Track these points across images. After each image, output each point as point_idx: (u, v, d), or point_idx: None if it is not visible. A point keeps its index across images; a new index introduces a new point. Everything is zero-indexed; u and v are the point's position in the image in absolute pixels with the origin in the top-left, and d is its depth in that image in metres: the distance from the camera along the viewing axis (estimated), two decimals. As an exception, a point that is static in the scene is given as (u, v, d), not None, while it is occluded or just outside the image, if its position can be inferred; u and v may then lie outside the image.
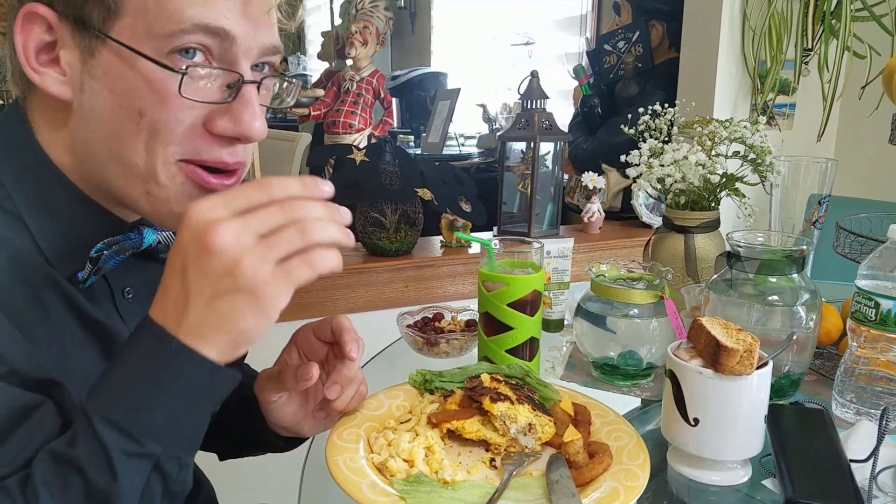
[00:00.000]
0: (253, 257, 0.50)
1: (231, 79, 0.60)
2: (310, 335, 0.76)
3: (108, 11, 0.57)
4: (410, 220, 1.75)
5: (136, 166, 0.60)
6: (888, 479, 0.72)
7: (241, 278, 0.50)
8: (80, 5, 0.57)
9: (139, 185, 0.61)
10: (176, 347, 0.52)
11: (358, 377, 0.76)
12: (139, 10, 0.56)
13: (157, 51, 0.57)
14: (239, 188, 0.53)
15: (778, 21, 1.88)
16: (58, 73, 0.60)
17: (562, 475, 0.70)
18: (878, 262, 0.85)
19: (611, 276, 0.99)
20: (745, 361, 0.68)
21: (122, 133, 0.59)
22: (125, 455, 0.51)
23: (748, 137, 1.10)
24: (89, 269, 0.63)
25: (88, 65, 0.59)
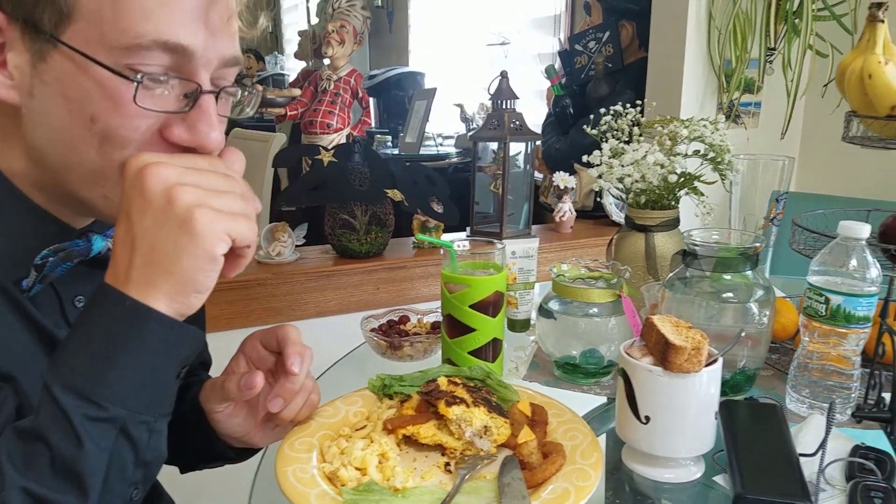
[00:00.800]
0: (190, 188, 0.53)
1: (189, 88, 0.59)
2: (257, 344, 0.75)
3: (61, 15, 0.55)
4: (381, 221, 1.75)
5: (91, 171, 0.60)
6: (836, 473, 0.73)
7: (178, 204, 0.52)
8: (30, 7, 0.55)
9: (96, 188, 0.61)
10: (130, 306, 0.53)
11: (306, 387, 0.74)
12: (94, 17, 0.55)
13: (111, 60, 0.55)
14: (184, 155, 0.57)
15: (742, 20, 1.90)
16: (5, 76, 0.58)
17: (513, 477, 0.71)
18: (829, 258, 0.86)
19: (571, 276, 1.00)
20: (694, 359, 0.69)
21: (74, 139, 0.58)
22: (88, 420, 0.51)
23: (707, 136, 1.11)
24: (34, 276, 0.62)
25: (39, 69, 0.57)
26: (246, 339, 0.76)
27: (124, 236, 0.54)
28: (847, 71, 1.00)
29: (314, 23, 4.91)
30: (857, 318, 0.84)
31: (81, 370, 0.52)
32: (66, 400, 0.51)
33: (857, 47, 1.00)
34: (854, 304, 0.83)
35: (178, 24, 0.56)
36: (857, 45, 1.00)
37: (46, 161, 0.61)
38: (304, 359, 0.71)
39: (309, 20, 5.67)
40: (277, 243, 1.74)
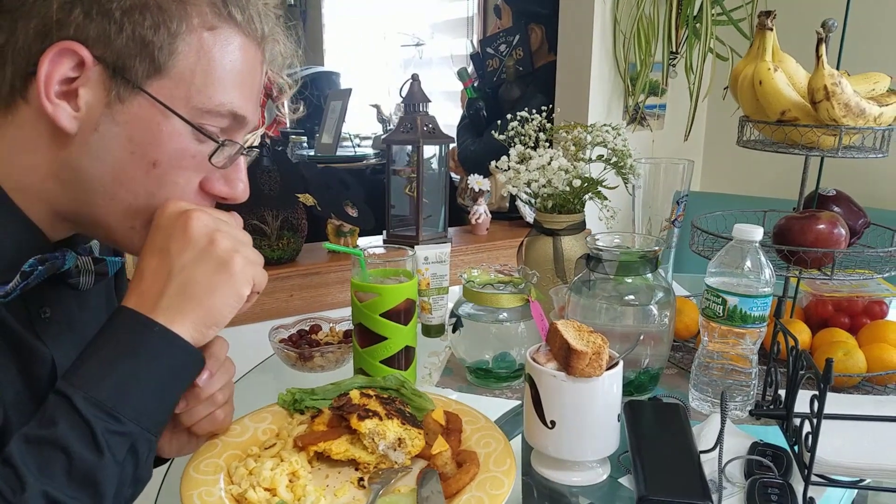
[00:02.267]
0: (228, 236, 0.63)
1: (234, 150, 0.67)
2: None
3: (154, 69, 0.60)
4: (293, 226, 1.72)
5: (131, 206, 0.64)
6: (736, 470, 0.76)
7: (219, 247, 0.61)
8: (125, 57, 0.60)
9: (125, 220, 0.66)
10: (158, 331, 0.59)
11: (213, 400, 0.72)
12: (183, 79, 0.61)
13: (189, 117, 0.62)
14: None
15: (646, 25, 1.96)
16: (72, 108, 0.60)
17: (432, 490, 0.70)
18: (725, 259, 0.89)
19: (481, 281, 1.00)
20: (595, 363, 0.70)
21: (128, 177, 0.63)
22: (108, 432, 0.55)
23: (610, 141, 1.14)
24: (18, 282, 0.62)
25: (114, 109, 0.61)
26: None
27: (157, 268, 0.61)
28: (739, 77, 1.04)
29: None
30: (753, 318, 0.87)
31: (105, 385, 0.57)
32: (89, 412, 0.55)
33: (748, 54, 1.04)
34: (749, 304, 0.87)
35: (247, 100, 0.66)
36: (748, 52, 1.04)
37: (84, 186, 0.64)
38: (216, 374, 0.70)
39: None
40: (184, 252, 1.68)
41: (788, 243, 0.97)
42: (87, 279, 0.71)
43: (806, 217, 0.98)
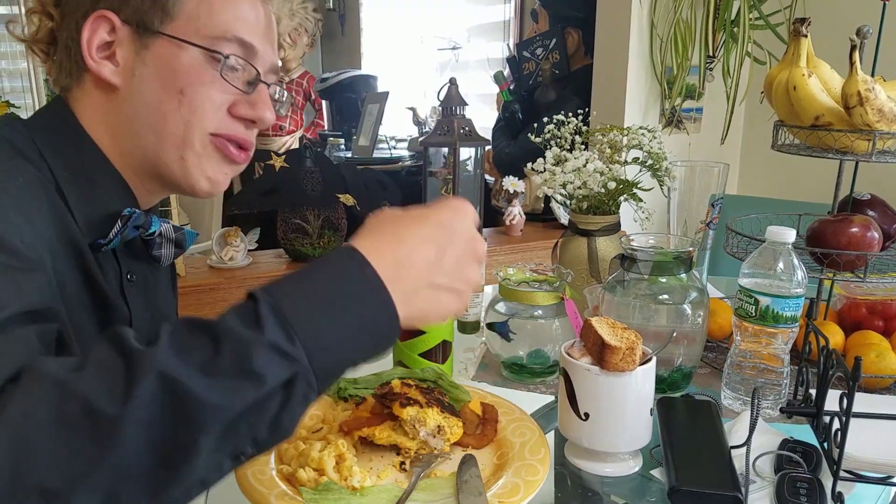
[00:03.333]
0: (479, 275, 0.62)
1: (251, 76, 0.77)
2: None
3: (166, 16, 0.73)
4: (334, 225, 1.77)
5: (175, 136, 0.74)
6: (765, 466, 0.78)
7: (470, 285, 0.60)
8: (143, 13, 0.72)
9: (175, 151, 0.75)
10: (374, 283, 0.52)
11: None
12: (190, 18, 0.73)
13: (203, 44, 0.73)
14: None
15: (683, 29, 1.97)
16: (113, 65, 0.73)
17: (471, 475, 0.74)
18: (758, 261, 0.91)
19: (516, 280, 1.03)
20: (628, 358, 0.73)
21: (165, 109, 0.73)
22: (269, 347, 0.47)
23: (646, 144, 1.16)
24: (118, 227, 0.73)
25: (142, 55, 0.73)
26: None
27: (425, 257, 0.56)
28: (774, 82, 1.05)
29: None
30: (785, 318, 0.89)
31: (294, 295, 0.50)
32: (265, 313, 0.48)
33: (783, 60, 1.06)
34: (782, 304, 0.88)
35: (251, 31, 0.76)
36: (783, 57, 1.06)
37: (135, 131, 0.75)
38: None
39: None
40: (230, 248, 1.74)
41: (822, 246, 0.98)
42: (168, 252, 0.82)
43: (839, 220, 0.99)
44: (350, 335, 0.51)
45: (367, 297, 0.52)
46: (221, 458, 0.47)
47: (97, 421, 0.43)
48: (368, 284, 0.52)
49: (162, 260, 0.83)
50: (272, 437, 0.49)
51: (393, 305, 0.53)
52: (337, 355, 0.51)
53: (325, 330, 0.50)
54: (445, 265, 0.57)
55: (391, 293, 0.53)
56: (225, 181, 0.81)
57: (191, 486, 0.47)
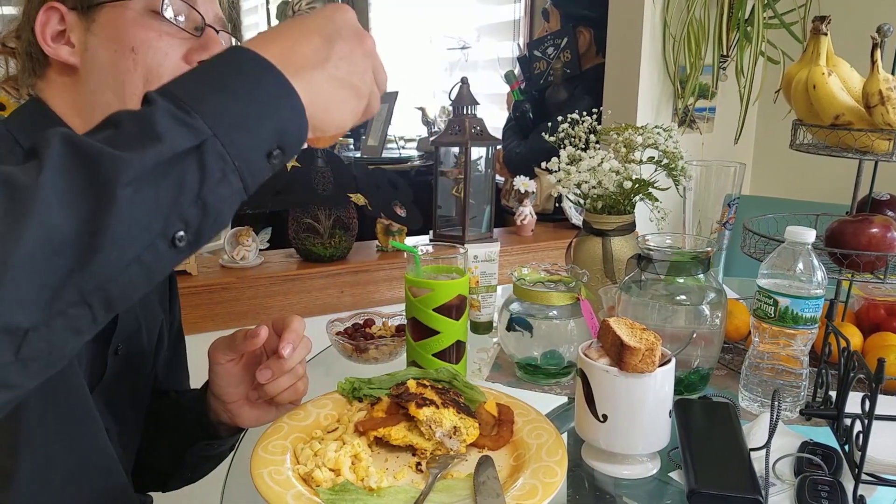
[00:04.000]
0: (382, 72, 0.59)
1: (197, 21, 0.79)
2: (270, 325, 0.84)
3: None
4: (345, 225, 1.76)
5: (137, 97, 0.73)
6: (785, 468, 0.77)
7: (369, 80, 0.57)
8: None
9: None
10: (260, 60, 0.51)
11: (295, 372, 0.83)
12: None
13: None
14: None
15: (696, 28, 1.96)
16: (70, 47, 0.77)
17: (489, 476, 0.73)
18: (777, 261, 0.90)
19: (531, 280, 1.02)
20: (647, 359, 0.72)
21: (121, 72, 0.76)
22: (170, 116, 0.46)
23: (661, 143, 1.15)
24: None
25: (91, 30, 0.76)
26: (262, 324, 0.83)
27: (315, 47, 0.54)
28: (793, 81, 1.04)
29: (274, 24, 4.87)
30: (805, 319, 0.88)
31: (186, 84, 0.49)
32: (158, 98, 0.47)
33: (802, 58, 1.05)
34: (801, 305, 0.87)
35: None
36: (802, 56, 1.05)
37: (98, 102, 0.77)
38: (298, 347, 0.81)
39: (269, 22, 5.62)
40: (241, 247, 1.74)
41: (841, 247, 0.97)
42: None
43: (859, 220, 0.98)
44: (251, 112, 0.49)
45: (261, 75, 0.50)
46: (154, 238, 0.45)
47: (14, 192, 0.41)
48: (259, 65, 0.50)
49: None
50: (203, 220, 0.47)
51: (288, 83, 0.51)
52: (243, 132, 0.48)
53: (222, 106, 0.48)
54: (336, 55, 0.55)
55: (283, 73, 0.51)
56: None
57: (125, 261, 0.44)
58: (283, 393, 0.83)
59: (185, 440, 0.93)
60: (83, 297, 0.43)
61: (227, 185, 0.48)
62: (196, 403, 0.91)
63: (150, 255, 0.45)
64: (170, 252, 0.46)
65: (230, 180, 0.48)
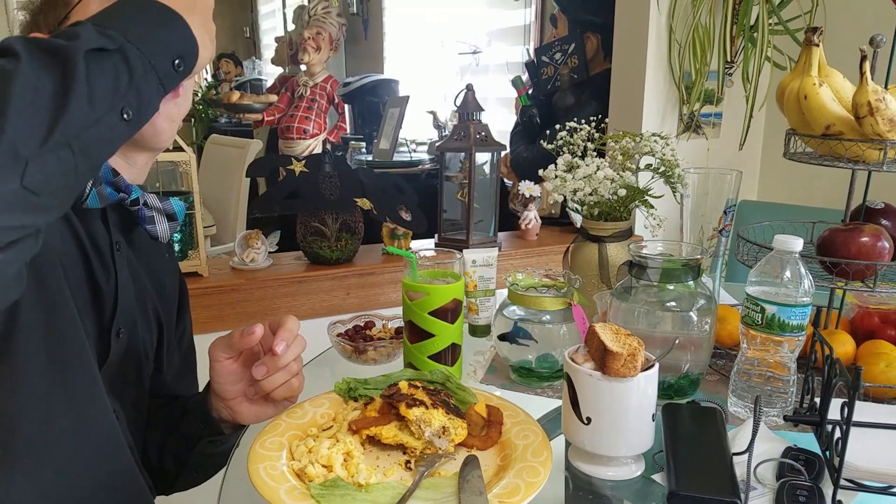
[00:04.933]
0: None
1: None
2: (266, 326, 0.88)
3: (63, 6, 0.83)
4: (351, 229, 1.79)
5: None
6: (767, 473, 0.79)
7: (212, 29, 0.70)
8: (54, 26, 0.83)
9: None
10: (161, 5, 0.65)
11: (290, 369, 0.86)
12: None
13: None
14: None
15: (702, 34, 1.97)
16: None
17: (473, 475, 0.75)
18: (766, 269, 0.92)
19: (524, 285, 1.04)
20: (630, 364, 0.74)
21: None
22: (94, 31, 0.59)
23: (658, 151, 1.17)
24: (90, 186, 0.80)
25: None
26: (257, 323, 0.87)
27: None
28: (786, 91, 1.06)
29: (291, 29, 4.93)
30: (791, 326, 0.89)
31: (102, 16, 0.63)
32: (84, 23, 0.60)
33: (794, 69, 1.06)
34: (788, 313, 0.89)
35: None
36: (794, 66, 1.06)
37: None
38: (292, 344, 0.85)
39: (286, 26, 5.69)
40: (251, 250, 1.78)
41: (832, 255, 0.98)
42: (162, 227, 0.90)
43: (850, 229, 0.99)
44: (152, 31, 0.64)
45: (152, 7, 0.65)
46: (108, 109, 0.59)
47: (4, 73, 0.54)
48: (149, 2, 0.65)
49: (158, 234, 0.90)
50: (139, 103, 0.62)
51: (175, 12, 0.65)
52: (149, 44, 0.62)
53: (129, 26, 0.62)
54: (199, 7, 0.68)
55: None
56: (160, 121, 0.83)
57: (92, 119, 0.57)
58: (278, 389, 0.86)
59: (190, 439, 0.97)
60: (67, 140, 0.56)
61: (150, 79, 0.63)
62: (200, 403, 0.95)
63: (108, 121, 0.59)
64: (121, 124, 0.60)
65: (149, 77, 0.63)
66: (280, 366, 0.85)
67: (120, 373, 0.88)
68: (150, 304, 0.95)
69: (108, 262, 0.86)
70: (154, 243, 0.93)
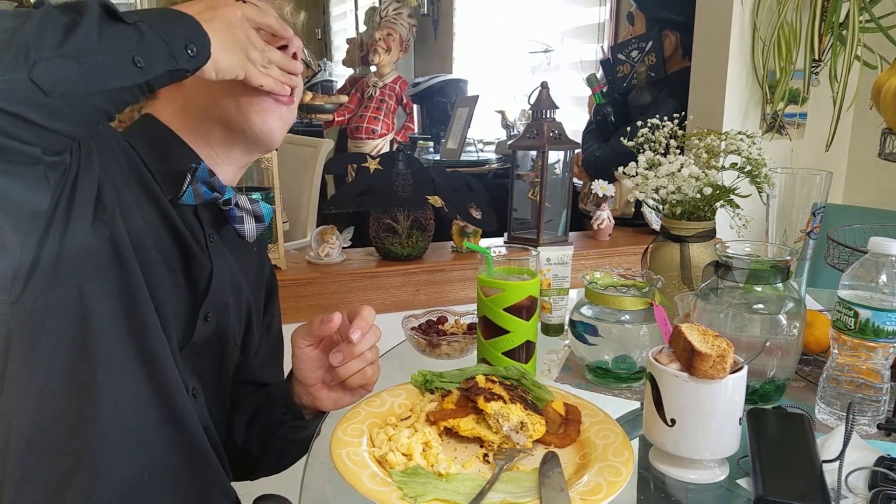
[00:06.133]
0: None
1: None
2: (344, 315, 0.91)
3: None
4: (422, 226, 1.81)
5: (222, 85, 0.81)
6: (859, 482, 0.76)
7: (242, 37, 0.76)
8: None
9: (231, 99, 0.86)
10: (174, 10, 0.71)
11: (365, 357, 0.88)
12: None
13: None
14: None
15: (787, 32, 1.90)
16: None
17: (554, 471, 0.75)
18: (859, 272, 0.88)
19: (603, 284, 1.03)
20: (718, 366, 0.72)
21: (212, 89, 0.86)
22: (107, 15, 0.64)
23: (744, 149, 1.13)
24: (188, 180, 0.85)
25: None
26: (336, 311, 0.91)
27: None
28: (882, 89, 1.01)
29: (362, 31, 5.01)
30: (886, 332, 0.85)
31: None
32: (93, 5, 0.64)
33: (892, 66, 1.01)
34: (883, 318, 0.85)
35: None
36: (893, 63, 1.01)
37: (196, 106, 0.88)
38: (367, 333, 0.87)
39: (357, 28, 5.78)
40: (326, 245, 1.82)
41: (932, 259, 0.93)
42: (250, 226, 0.93)
43: (953, 233, 0.94)
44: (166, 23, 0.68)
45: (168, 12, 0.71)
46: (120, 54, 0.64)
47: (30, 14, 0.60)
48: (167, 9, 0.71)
49: (246, 234, 0.94)
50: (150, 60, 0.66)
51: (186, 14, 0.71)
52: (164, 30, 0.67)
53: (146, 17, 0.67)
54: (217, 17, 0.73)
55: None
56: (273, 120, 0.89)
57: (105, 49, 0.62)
58: (354, 377, 0.89)
59: (273, 425, 1.00)
60: (76, 55, 0.60)
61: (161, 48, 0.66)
62: (283, 389, 0.98)
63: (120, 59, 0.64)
64: (132, 67, 0.64)
65: (160, 47, 0.66)
66: (356, 354, 0.87)
67: (204, 354, 0.91)
68: (242, 294, 0.98)
69: (203, 251, 0.90)
70: (241, 240, 0.96)
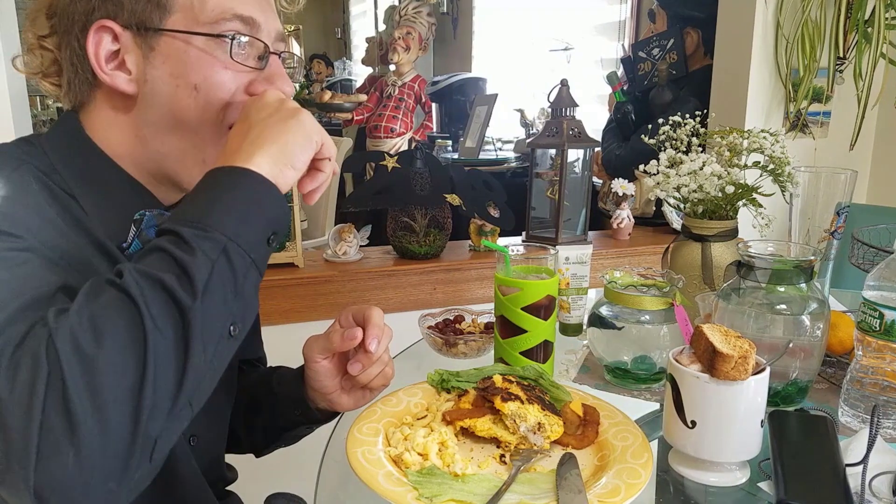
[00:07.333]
0: (295, 103, 0.70)
1: (260, 50, 0.76)
2: (349, 317, 0.89)
3: (162, 11, 0.72)
4: (440, 224, 1.80)
5: (195, 137, 0.75)
6: (883, 486, 0.74)
7: (288, 104, 0.69)
8: (139, 13, 0.72)
9: (197, 154, 0.76)
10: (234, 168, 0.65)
11: (382, 360, 0.87)
12: (187, 7, 0.73)
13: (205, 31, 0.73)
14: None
15: (811, 29, 1.87)
16: (125, 73, 0.74)
17: (572, 473, 0.74)
18: (885, 273, 0.86)
19: (623, 283, 1.02)
20: (740, 367, 0.71)
21: (181, 108, 0.74)
22: (196, 236, 0.60)
23: (768, 148, 1.11)
24: (133, 231, 0.75)
25: (149, 58, 0.73)
26: (343, 311, 0.90)
27: (239, 128, 0.69)
28: (913, 85, 0.99)
29: (381, 29, 5.02)
30: (913, 334, 0.83)
31: (189, 210, 0.63)
32: (180, 227, 0.60)
33: (923, 61, 0.99)
34: (910, 319, 0.83)
35: (247, 4, 0.75)
36: (923, 59, 0.99)
37: (156, 135, 0.76)
38: (382, 339, 0.86)
39: (376, 27, 5.79)
40: (344, 243, 1.82)
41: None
42: None
43: (984, 233, 0.92)
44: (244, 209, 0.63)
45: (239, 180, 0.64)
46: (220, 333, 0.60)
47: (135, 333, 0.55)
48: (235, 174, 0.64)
49: None
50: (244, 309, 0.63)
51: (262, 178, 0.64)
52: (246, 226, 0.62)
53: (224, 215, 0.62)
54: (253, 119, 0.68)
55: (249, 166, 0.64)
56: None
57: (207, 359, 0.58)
58: (375, 379, 0.88)
59: (286, 427, 0.98)
60: (188, 400, 0.57)
61: (252, 274, 0.63)
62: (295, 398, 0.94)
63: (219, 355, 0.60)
64: (228, 343, 0.61)
65: (251, 273, 0.63)
66: (373, 360, 0.86)
67: None
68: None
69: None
70: None
